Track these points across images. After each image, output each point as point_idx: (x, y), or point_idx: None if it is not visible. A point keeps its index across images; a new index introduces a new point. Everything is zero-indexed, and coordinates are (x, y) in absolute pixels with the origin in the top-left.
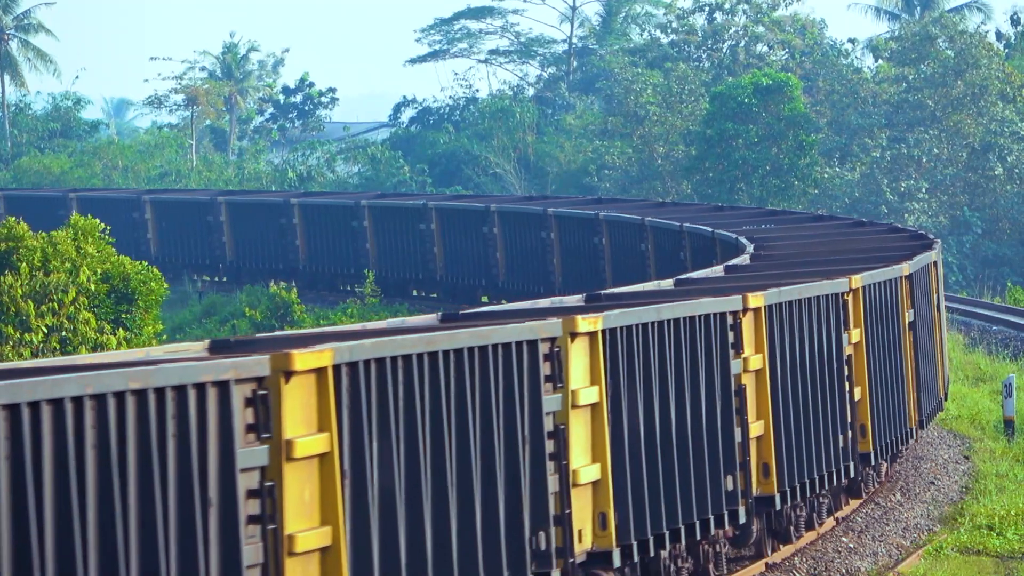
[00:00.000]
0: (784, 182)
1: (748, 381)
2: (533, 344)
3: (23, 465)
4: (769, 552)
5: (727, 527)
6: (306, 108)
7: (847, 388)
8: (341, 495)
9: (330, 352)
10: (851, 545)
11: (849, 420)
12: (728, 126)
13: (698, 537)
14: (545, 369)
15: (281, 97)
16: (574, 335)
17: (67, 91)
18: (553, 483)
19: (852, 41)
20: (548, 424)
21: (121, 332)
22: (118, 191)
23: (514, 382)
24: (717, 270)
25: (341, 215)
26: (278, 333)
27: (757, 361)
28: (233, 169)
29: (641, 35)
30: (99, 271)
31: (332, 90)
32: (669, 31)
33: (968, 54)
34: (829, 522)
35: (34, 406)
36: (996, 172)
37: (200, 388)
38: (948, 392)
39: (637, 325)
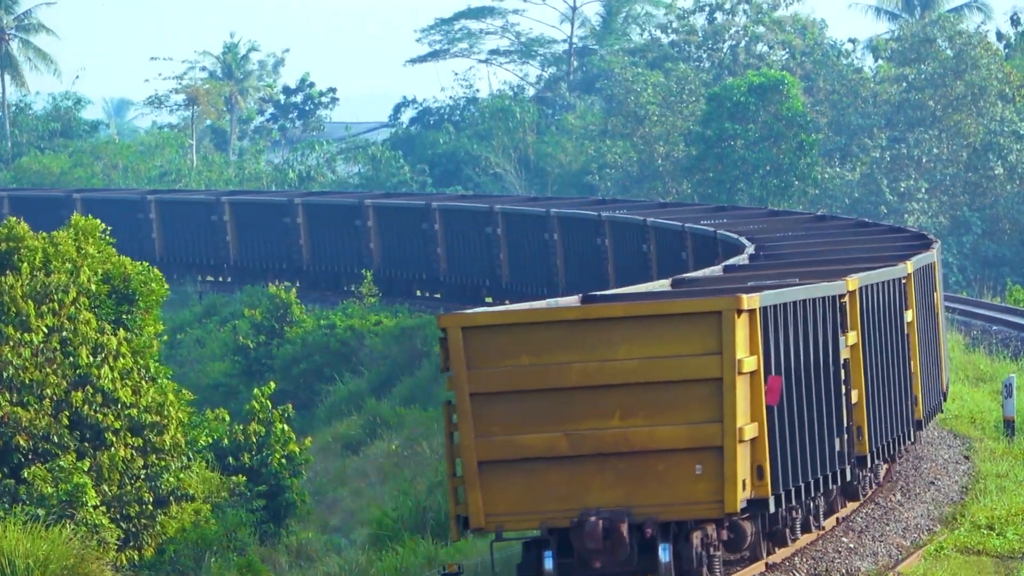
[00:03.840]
0: (784, 182)
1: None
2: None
3: (788, 338)
4: (765, 554)
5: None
6: (306, 108)
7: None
8: (864, 375)
9: (856, 280)
10: (851, 545)
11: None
12: (726, 126)
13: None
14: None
15: (281, 97)
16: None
17: (67, 91)
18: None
19: (852, 41)
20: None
21: (122, 332)
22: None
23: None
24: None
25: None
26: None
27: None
28: (233, 169)
29: (641, 35)
30: (100, 271)
31: (332, 90)
32: (669, 31)
33: (967, 54)
34: (826, 523)
35: (785, 306)
36: (996, 172)
37: (827, 300)
38: (948, 393)
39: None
